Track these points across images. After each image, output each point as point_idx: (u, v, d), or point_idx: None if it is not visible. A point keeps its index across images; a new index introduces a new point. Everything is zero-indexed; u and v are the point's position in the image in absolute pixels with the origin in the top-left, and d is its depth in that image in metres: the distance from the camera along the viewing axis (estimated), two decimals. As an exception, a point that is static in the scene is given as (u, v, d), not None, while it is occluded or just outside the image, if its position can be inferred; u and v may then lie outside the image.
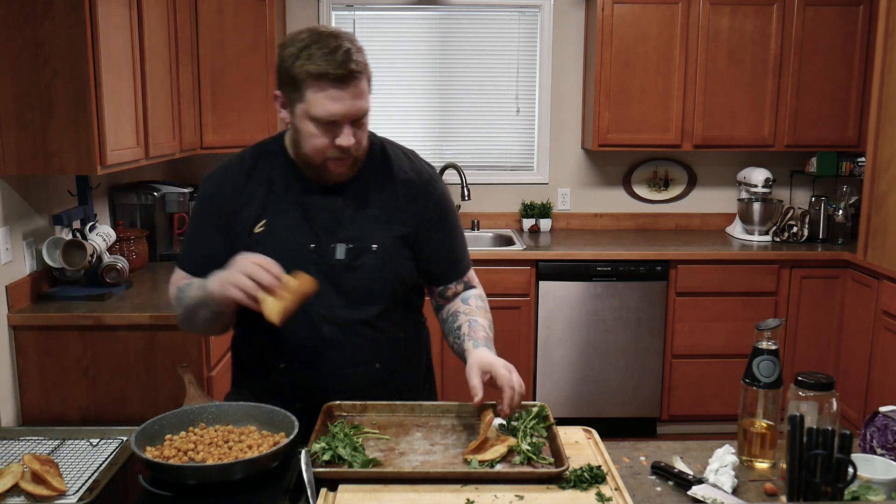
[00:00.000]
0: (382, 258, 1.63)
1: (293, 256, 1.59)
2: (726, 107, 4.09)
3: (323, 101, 1.48)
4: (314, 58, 1.46)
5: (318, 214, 1.61)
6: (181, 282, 1.66)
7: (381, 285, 1.64)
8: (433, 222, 1.69)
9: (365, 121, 1.55)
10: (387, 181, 1.66)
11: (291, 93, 1.52)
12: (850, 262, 3.84)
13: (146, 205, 3.46)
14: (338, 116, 1.49)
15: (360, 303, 1.63)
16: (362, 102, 1.51)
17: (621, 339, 3.93)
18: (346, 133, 1.51)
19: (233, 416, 1.47)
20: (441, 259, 1.73)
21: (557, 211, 4.51)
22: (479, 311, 1.71)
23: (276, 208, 1.62)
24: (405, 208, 1.66)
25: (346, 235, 1.61)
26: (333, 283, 1.61)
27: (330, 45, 1.46)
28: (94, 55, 2.48)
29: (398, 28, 4.34)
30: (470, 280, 1.78)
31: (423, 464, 1.39)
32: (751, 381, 1.47)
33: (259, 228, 1.61)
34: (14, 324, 2.58)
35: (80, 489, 1.33)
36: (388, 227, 1.64)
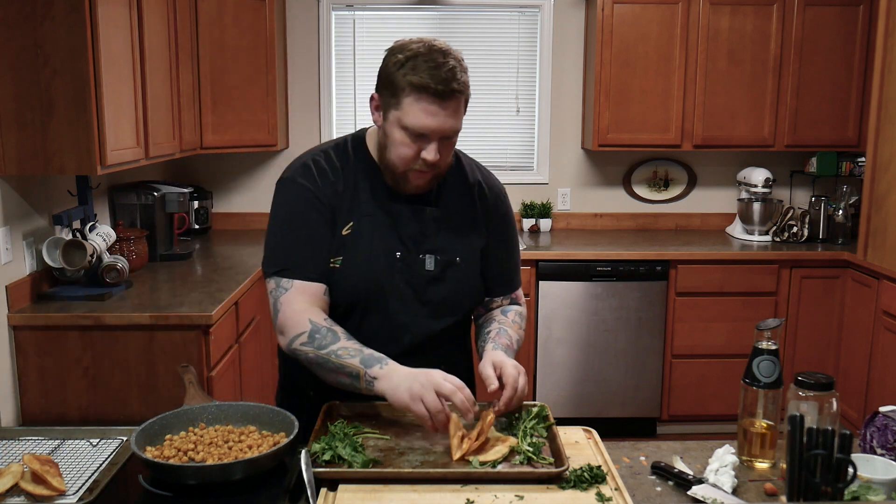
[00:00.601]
0: (465, 271, 1.65)
1: (380, 263, 1.59)
2: (726, 107, 4.09)
3: (418, 113, 1.49)
4: (419, 69, 1.47)
5: (404, 223, 1.61)
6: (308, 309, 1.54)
7: (464, 297, 1.68)
8: (498, 235, 1.72)
9: (454, 140, 1.56)
10: (464, 192, 1.68)
11: (389, 98, 1.52)
12: (850, 262, 3.84)
13: (146, 205, 3.46)
14: (429, 130, 1.50)
15: (442, 314, 1.65)
16: (455, 121, 1.53)
17: (621, 339, 3.93)
18: (433, 148, 1.52)
19: (233, 416, 1.47)
20: (497, 272, 1.74)
21: (557, 211, 4.51)
22: (513, 324, 1.72)
23: (363, 212, 1.61)
24: (481, 220, 1.69)
25: (433, 246, 1.62)
26: (418, 293, 1.62)
27: (437, 61, 1.48)
28: (94, 55, 2.48)
29: (398, 28, 4.34)
30: (517, 297, 1.81)
31: (423, 464, 1.39)
32: (751, 381, 1.47)
33: (347, 231, 1.60)
34: (14, 324, 2.58)
35: (80, 489, 1.33)
36: (469, 240, 1.67)
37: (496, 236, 1.72)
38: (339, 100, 4.42)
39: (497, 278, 1.75)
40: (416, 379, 1.41)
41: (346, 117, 4.41)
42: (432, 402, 1.38)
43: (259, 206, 4.39)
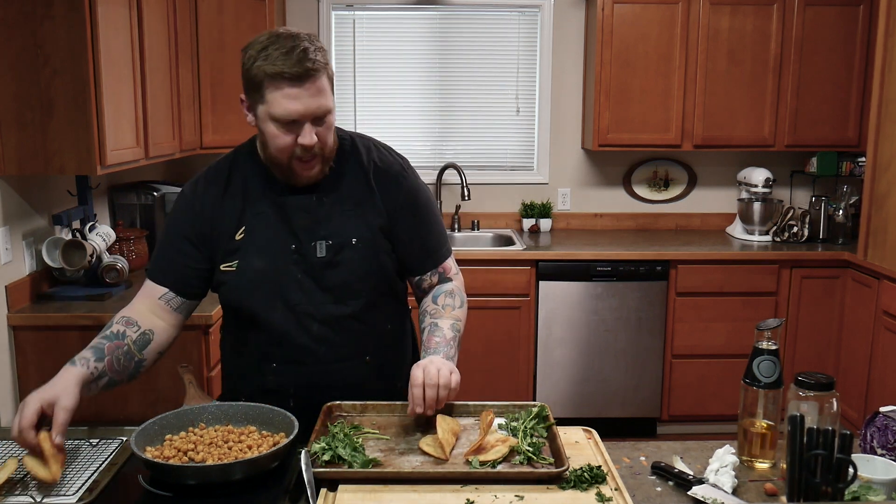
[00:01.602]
0: (362, 251, 1.64)
1: (275, 259, 1.61)
2: (726, 107, 4.09)
3: (281, 100, 1.49)
4: (271, 58, 1.48)
5: (295, 214, 1.62)
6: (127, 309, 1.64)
7: (364, 278, 1.65)
8: (405, 212, 1.69)
9: (328, 119, 1.55)
10: (358, 174, 1.67)
11: (254, 94, 1.54)
12: (850, 262, 3.84)
13: (146, 205, 3.46)
14: (297, 115, 1.50)
15: (345, 298, 1.64)
16: (322, 100, 1.52)
17: (621, 339, 3.92)
18: (307, 131, 1.52)
19: (233, 416, 1.47)
20: (414, 249, 1.73)
21: (557, 211, 4.51)
22: (444, 310, 1.71)
23: (254, 213, 1.63)
24: (378, 199, 1.67)
25: (325, 232, 1.62)
26: (317, 280, 1.62)
27: (286, 45, 1.48)
28: (94, 55, 2.48)
29: (398, 28, 4.34)
30: (446, 270, 1.78)
31: (423, 464, 1.39)
32: (751, 381, 1.47)
33: (239, 235, 1.63)
34: (14, 324, 2.58)
35: (80, 489, 1.33)
36: (365, 220, 1.65)
37: (403, 215, 1.69)
38: (339, 100, 4.41)
39: (416, 255, 1.73)
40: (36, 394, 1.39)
41: (345, 117, 4.41)
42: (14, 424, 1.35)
43: (259, 206, 4.37)
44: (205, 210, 1.64)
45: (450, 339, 1.64)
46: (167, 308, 1.66)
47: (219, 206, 1.64)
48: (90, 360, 1.51)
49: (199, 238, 1.64)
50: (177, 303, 1.66)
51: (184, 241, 1.65)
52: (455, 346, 1.65)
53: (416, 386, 1.50)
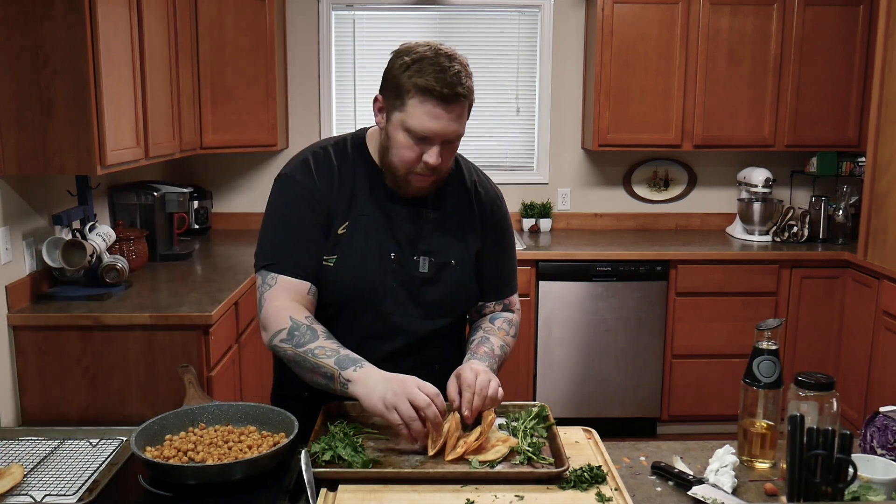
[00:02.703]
0: (460, 273, 1.65)
1: (374, 263, 1.59)
2: (726, 107, 4.09)
3: (422, 116, 1.49)
4: (425, 72, 1.47)
5: (400, 224, 1.62)
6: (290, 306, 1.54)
7: (458, 300, 1.68)
8: (493, 239, 1.72)
9: (456, 144, 1.57)
10: (462, 194, 1.69)
11: (394, 100, 1.53)
12: (850, 262, 3.84)
13: (146, 205, 3.46)
14: (432, 133, 1.50)
15: (435, 315, 1.65)
16: (458, 126, 1.53)
17: (621, 339, 3.93)
18: (434, 151, 1.52)
19: (233, 416, 1.47)
20: (491, 277, 1.74)
21: (557, 211, 4.51)
22: (499, 331, 1.72)
23: (360, 212, 1.61)
24: (477, 223, 1.69)
25: (428, 248, 1.63)
26: (412, 294, 1.62)
27: (443, 65, 1.48)
28: (94, 55, 2.48)
29: (398, 28, 4.34)
30: (511, 304, 1.80)
31: (423, 464, 1.39)
32: (751, 381, 1.47)
33: (342, 230, 1.60)
34: (14, 324, 2.57)
35: (80, 489, 1.33)
36: (465, 243, 1.67)
37: (491, 240, 1.72)
38: (339, 100, 4.42)
39: (490, 283, 1.74)
40: (389, 386, 1.40)
41: (345, 117, 4.41)
42: (406, 412, 1.37)
43: (259, 206, 4.34)
44: (323, 195, 1.59)
45: (496, 355, 1.65)
46: (312, 301, 1.59)
47: (329, 191, 1.60)
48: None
49: (324, 224, 1.59)
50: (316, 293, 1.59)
51: (314, 225, 1.58)
52: (498, 364, 1.65)
53: (467, 390, 1.49)
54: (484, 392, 1.48)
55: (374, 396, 1.40)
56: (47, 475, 1.39)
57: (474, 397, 1.48)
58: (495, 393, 1.50)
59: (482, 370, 1.52)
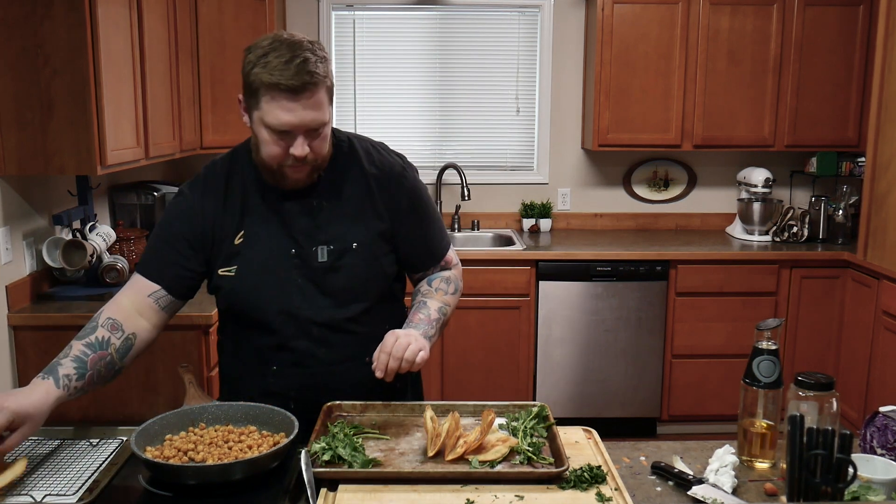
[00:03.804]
0: (363, 256, 1.64)
1: (275, 263, 1.61)
2: (726, 107, 4.09)
3: (276, 111, 1.48)
4: (269, 66, 1.46)
5: (295, 219, 1.62)
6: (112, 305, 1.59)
7: (366, 283, 1.66)
8: (407, 214, 1.70)
9: (323, 131, 1.54)
10: (358, 177, 1.66)
11: (250, 99, 1.53)
12: (850, 262, 3.84)
13: (146, 205, 3.46)
14: (290, 126, 1.49)
15: (346, 302, 1.64)
16: (317, 114, 1.50)
17: (621, 339, 3.93)
18: (299, 143, 1.51)
19: (233, 416, 1.47)
20: (418, 249, 1.74)
21: (557, 211, 4.51)
22: (436, 292, 1.73)
23: (253, 217, 1.62)
24: (378, 202, 1.66)
25: (326, 237, 1.62)
26: (318, 285, 1.62)
27: (286, 55, 1.46)
28: (94, 55, 2.48)
29: (398, 28, 4.34)
30: (448, 263, 1.80)
31: (423, 464, 1.39)
32: (751, 381, 1.47)
33: (238, 240, 1.62)
34: (14, 324, 2.58)
35: (80, 489, 1.33)
36: (365, 224, 1.65)
37: (406, 217, 1.69)
38: (339, 100, 4.41)
39: (420, 255, 1.75)
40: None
41: (345, 117, 4.41)
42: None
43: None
44: (206, 214, 1.63)
45: (433, 319, 1.67)
46: (155, 307, 1.63)
47: (220, 210, 1.63)
48: (72, 378, 1.44)
49: (198, 241, 1.63)
50: (166, 301, 1.64)
51: (181, 241, 1.63)
52: (437, 327, 1.67)
53: (383, 351, 1.53)
54: (399, 354, 1.51)
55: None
56: (47, 475, 1.39)
57: (389, 359, 1.51)
58: (413, 356, 1.52)
59: (403, 334, 1.54)
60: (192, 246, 1.63)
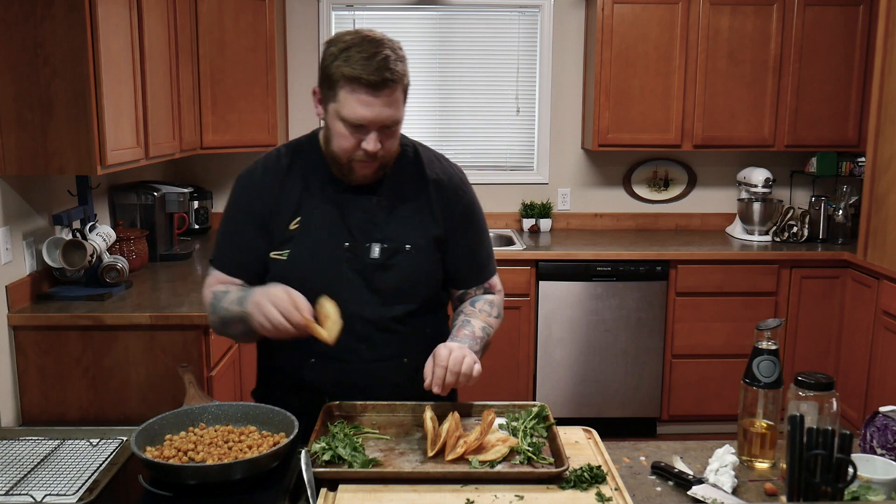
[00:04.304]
0: (416, 259, 1.65)
1: (328, 254, 1.62)
2: (726, 107, 4.09)
3: (353, 105, 1.50)
4: (351, 60, 1.48)
5: (352, 213, 1.63)
6: (216, 286, 1.66)
7: (414, 285, 1.67)
8: (460, 225, 1.71)
9: (395, 129, 1.57)
10: (420, 182, 1.69)
11: (327, 91, 1.55)
12: (850, 262, 3.84)
13: (146, 205, 3.46)
14: (366, 121, 1.51)
15: (392, 301, 1.65)
16: (393, 111, 1.53)
17: (621, 339, 3.93)
18: (372, 138, 1.53)
19: (233, 416, 1.47)
20: (464, 263, 1.74)
21: (557, 211, 4.51)
22: (480, 313, 1.72)
23: (311, 206, 1.64)
24: (437, 209, 1.68)
25: (381, 235, 1.63)
26: (367, 281, 1.63)
27: (369, 51, 1.48)
28: (94, 55, 2.48)
29: (398, 28, 4.34)
30: (492, 287, 1.80)
31: (423, 464, 1.39)
32: (751, 381, 1.47)
33: (294, 225, 1.63)
34: (14, 324, 2.58)
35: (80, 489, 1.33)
36: (422, 228, 1.66)
37: (458, 227, 1.71)
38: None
39: (465, 269, 1.75)
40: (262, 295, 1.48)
41: (346, 117, 4.40)
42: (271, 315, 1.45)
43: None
44: (263, 193, 1.65)
45: (477, 336, 1.65)
46: None
47: (277, 191, 1.64)
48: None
49: (262, 221, 1.64)
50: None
51: (248, 226, 1.65)
52: (481, 345, 1.66)
53: (438, 365, 1.50)
54: (456, 368, 1.49)
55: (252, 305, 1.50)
56: (47, 475, 1.39)
57: (446, 373, 1.49)
58: (469, 370, 1.50)
59: (457, 347, 1.53)
60: (258, 227, 1.64)
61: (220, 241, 1.71)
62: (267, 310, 1.45)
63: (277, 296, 1.46)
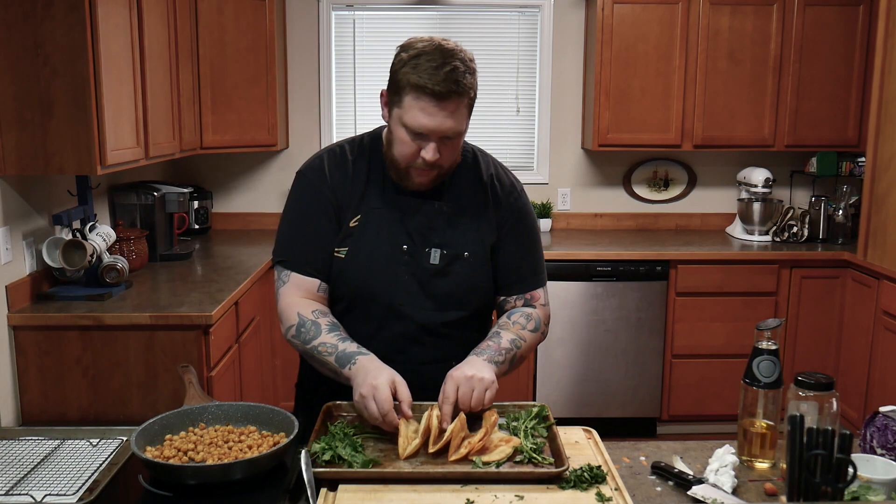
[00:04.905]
0: (473, 266, 1.65)
1: (386, 255, 1.62)
2: (726, 107, 4.09)
3: (417, 112, 1.50)
4: (420, 69, 1.48)
5: (413, 216, 1.63)
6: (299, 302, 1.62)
7: (469, 293, 1.67)
8: (510, 230, 1.71)
9: (456, 140, 1.57)
10: (478, 188, 1.69)
11: (393, 95, 1.55)
12: (850, 262, 3.84)
13: (146, 205, 3.46)
14: (427, 130, 1.51)
15: (447, 307, 1.65)
16: (454, 122, 1.52)
17: (621, 339, 3.93)
18: (431, 147, 1.53)
19: (233, 416, 1.47)
20: (509, 271, 1.72)
21: (557, 211, 4.51)
22: (513, 325, 1.69)
23: (372, 205, 1.63)
24: (493, 216, 1.68)
25: (440, 240, 1.63)
26: (424, 286, 1.63)
27: (438, 61, 1.48)
28: (94, 55, 2.48)
29: (398, 28, 4.34)
30: (534, 298, 1.75)
31: (423, 464, 1.39)
32: (751, 381, 1.47)
33: (354, 223, 1.63)
34: (14, 324, 2.57)
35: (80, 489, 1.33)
36: (479, 235, 1.66)
37: (509, 234, 1.71)
38: (339, 100, 4.42)
39: (509, 277, 1.73)
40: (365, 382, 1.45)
41: (345, 117, 4.41)
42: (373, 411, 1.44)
43: (259, 206, 4.38)
44: (332, 190, 1.64)
45: (503, 348, 1.62)
46: (324, 298, 1.64)
47: (342, 186, 1.64)
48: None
49: (333, 213, 1.63)
50: (327, 289, 1.65)
51: (321, 218, 1.63)
52: (507, 357, 1.62)
53: (447, 402, 1.48)
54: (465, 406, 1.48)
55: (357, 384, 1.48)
56: (47, 475, 1.39)
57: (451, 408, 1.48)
58: (479, 403, 1.49)
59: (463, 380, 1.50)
60: (331, 220, 1.63)
61: (291, 237, 1.65)
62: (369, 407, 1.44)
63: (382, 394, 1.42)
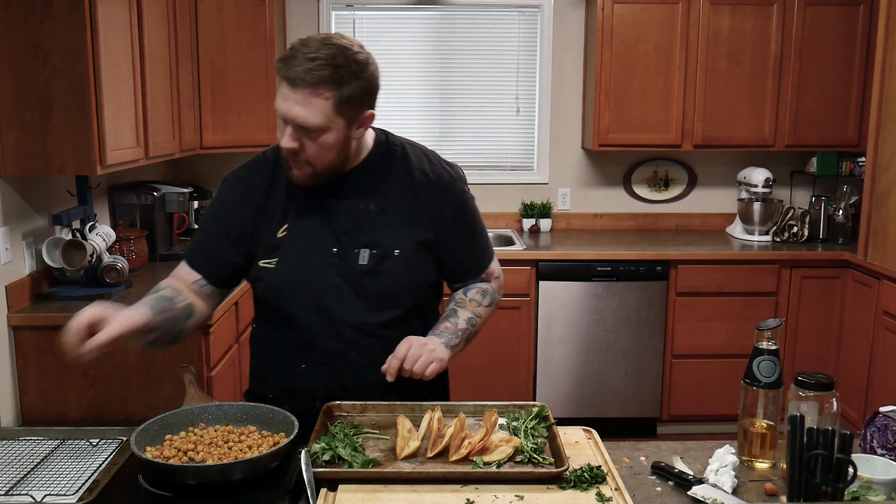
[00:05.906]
0: (404, 264, 1.63)
1: (316, 260, 1.61)
2: (726, 107, 4.09)
3: (278, 96, 1.52)
4: (286, 57, 1.50)
5: (340, 218, 1.62)
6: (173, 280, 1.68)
7: (403, 290, 1.66)
8: (453, 225, 1.69)
9: (317, 136, 1.51)
10: (406, 184, 1.66)
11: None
12: (850, 262, 3.84)
13: (146, 205, 3.46)
14: (280, 114, 1.52)
15: (380, 307, 1.64)
16: (306, 112, 1.48)
17: (621, 339, 3.92)
18: (287, 133, 1.52)
19: (233, 416, 1.47)
20: (462, 261, 1.74)
21: (557, 211, 4.51)
22: (470, 303, 1.72)
23: (298, 212, 1.62)
24: (425, 212, 1.66)
25: (369, 240, 1.62)
26: (355, 287, 1.62)
27: (302, 51, 1.48)
28: (94, 55, 2.48)
29: (398, 28, 4.34)
30: (489, 275, 1.79)
31: (423, 464, 1.39)
32: (751, 381, 1.47)
33: (282, 233, 1.62)
34: (14, 324, 2.58)
35: (80, 489, 1.33)
36: (410, 233, 1.64)
37: (450, 228, 1.69)
38: (339, 100, 4.41)
39: (461, 266, 1.75)
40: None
41: (346, 117, 4.40)
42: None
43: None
44: (247, 202, 1.64)
45: (459, 329, 1.66)
46: (200, 293, 1.67)
47: (263, 199, 1.64)
48: (148, 312, 1.51)
49: (239, 231, 1.64)
50: (208, 290, 1.67)
51: (221, 233, 1.65)
52: (463, 337, 1.66)
53: (395, 357, 1.52)
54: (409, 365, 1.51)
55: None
56: (47, 475, 1.39)
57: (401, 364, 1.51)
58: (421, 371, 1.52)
59: (417, 343, 1.54)
60: (233, 238, 1.64)
61: (196, 238, 1.74)
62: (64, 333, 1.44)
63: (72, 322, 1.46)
